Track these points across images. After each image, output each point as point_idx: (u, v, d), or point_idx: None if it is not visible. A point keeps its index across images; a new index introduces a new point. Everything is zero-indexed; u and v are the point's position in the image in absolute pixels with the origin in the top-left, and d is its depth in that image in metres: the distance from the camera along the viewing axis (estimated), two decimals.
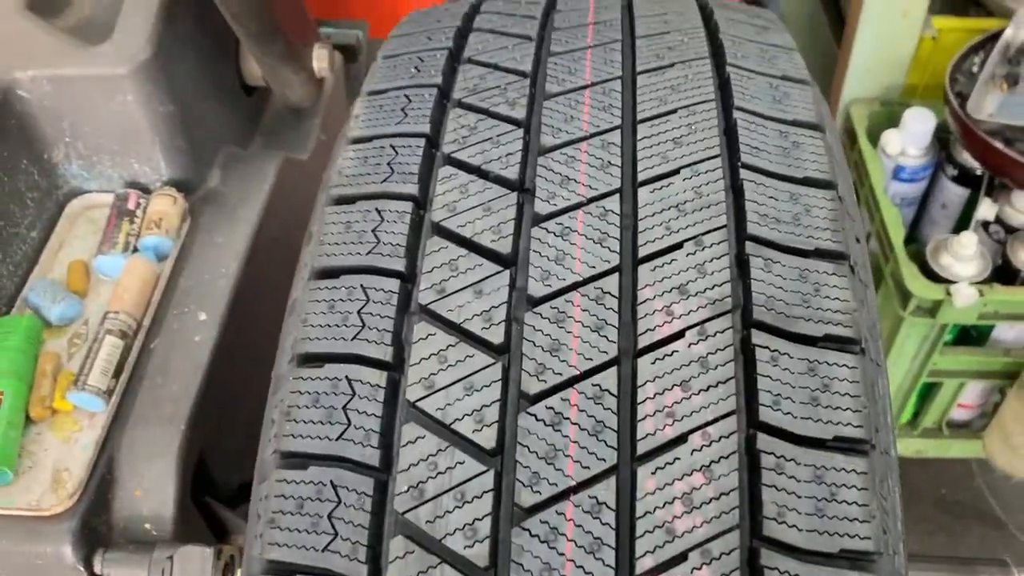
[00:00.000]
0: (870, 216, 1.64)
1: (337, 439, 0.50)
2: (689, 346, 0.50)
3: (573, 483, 0.47)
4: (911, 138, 1.63)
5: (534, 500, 0.47)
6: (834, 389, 0.49)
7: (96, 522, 0.73)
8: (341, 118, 1.12)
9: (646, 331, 0.51)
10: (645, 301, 0.52)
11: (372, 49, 1.39)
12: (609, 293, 0.52)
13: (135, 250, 0.85)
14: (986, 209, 1.56)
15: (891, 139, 1.64)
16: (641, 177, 0.58)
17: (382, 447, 0.50)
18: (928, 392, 1.70)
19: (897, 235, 1.53)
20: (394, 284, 0.55)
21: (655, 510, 0.46)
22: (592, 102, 0.63)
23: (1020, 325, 1.55)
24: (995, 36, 1.58)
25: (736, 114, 0.62)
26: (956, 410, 1.74)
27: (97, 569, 0.71)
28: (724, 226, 0.55)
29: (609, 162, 0.59)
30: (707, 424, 0.48)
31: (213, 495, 0.84)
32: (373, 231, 0.58)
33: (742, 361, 0.50)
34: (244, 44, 0.94)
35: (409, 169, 0.60)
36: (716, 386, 0.49)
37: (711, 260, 0.53)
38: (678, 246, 0.54)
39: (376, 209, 0.59)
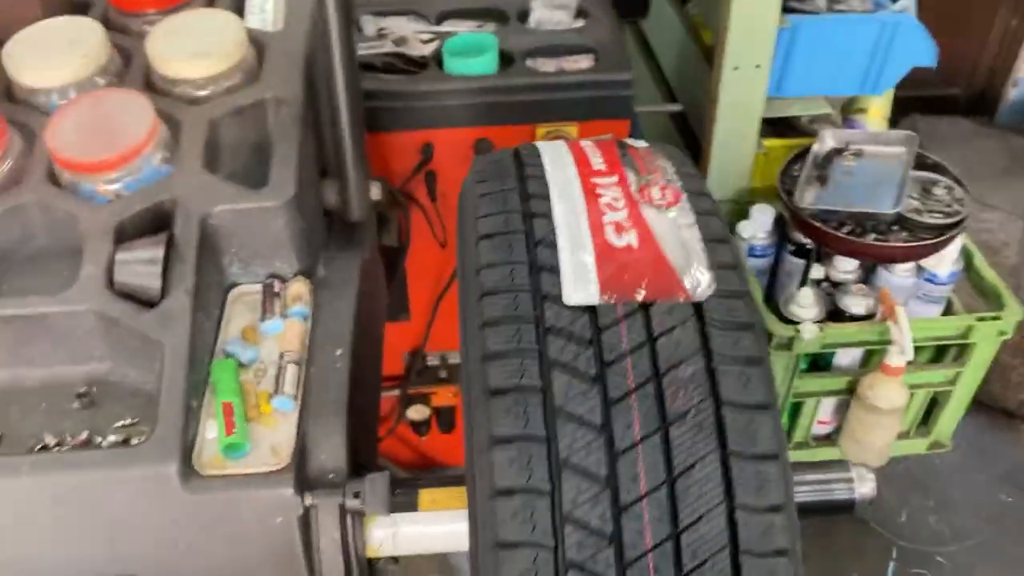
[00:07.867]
0: None
1: None
2: None
3: None
4: (758, 225, 2.21)
5: None
6: None
7: (302, 473, 1.16)
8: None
9: None
10: None
11: None
12: None
13: (287, 316, 1.31)
14: (817, 271, 2.16)
15: (744, 227, 2.23)
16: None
17: None
18: (795, 412, 2.25)
19: (758, 295, 2.11)
20: None
21: None
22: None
23: (851, 352, 2.13)
24: (808, 149, 2.22)
25: None
26: (817, 426, 2.29)
27: (307, 501, 1.15)
28: None
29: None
30: None
31: None
32: None
33: None
34: (348, 193, 1.43)
35: None
36: None
37: None
38: None
39: None
